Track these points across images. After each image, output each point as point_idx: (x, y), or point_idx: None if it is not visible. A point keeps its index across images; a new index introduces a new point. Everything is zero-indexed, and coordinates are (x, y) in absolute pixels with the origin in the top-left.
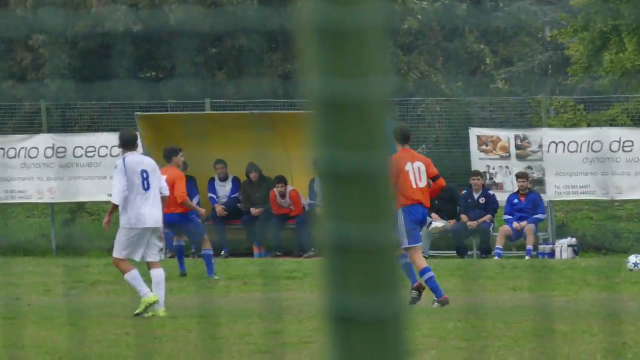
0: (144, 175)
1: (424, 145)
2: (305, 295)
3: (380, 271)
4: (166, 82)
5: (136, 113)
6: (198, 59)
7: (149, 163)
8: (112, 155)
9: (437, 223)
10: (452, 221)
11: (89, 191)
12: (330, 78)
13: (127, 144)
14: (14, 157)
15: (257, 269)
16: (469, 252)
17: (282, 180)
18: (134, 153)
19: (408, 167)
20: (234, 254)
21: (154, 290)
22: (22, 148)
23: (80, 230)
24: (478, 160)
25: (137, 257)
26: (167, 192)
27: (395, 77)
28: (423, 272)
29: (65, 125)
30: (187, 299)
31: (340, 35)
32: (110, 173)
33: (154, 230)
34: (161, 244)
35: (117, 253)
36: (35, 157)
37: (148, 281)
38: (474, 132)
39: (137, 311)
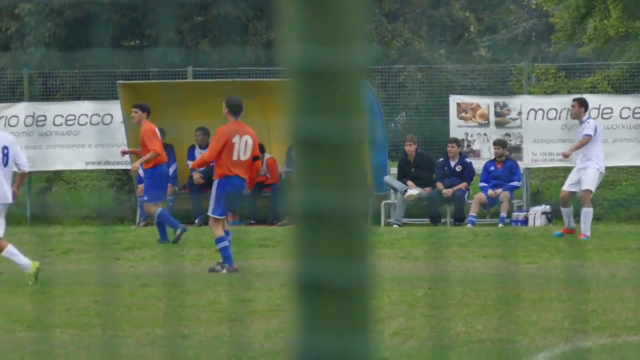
0: (5, 151)
1: (403, 113)
2: (277, 263)
3: (349, 239)
4: (150, 51)
5: (118, 82)
6: (183, 27)
7: (8, 139)
8: (91, 124)
9: (412, 191)
10: (428, 189)
11: (66, 160)
12: (308, 45)
13: None
14: None
15: (230, 237)
16: (443, 220)
17: (259, 148)
18: None
19: (235, 139)
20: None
21: None
22: (2, 117)
23: (56, 199)
24: (457, 128)
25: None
26: (26, 169)
27: (379, 45)
28: (219, 240)
29: (47, 94)
30: (158, 267)
31: (319, 2)
32: (90, 141)
33: (4, 207)
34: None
35: None
36: (15, 125)
37: None
38: (454, 100)
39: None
